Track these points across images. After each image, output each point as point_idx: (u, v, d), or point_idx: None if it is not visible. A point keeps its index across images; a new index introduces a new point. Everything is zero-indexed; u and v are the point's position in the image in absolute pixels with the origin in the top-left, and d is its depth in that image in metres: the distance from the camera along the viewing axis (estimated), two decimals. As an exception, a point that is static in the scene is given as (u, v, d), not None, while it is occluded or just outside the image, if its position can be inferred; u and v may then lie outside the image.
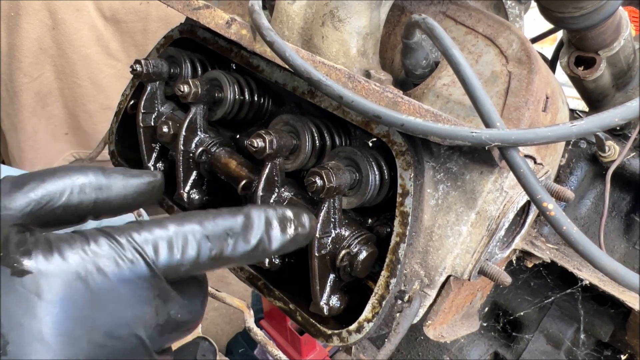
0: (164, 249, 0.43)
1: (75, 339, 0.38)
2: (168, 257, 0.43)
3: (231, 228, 0.46)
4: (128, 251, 0.41)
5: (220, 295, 1.02)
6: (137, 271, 0.41)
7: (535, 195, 0.54)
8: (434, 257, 0.63)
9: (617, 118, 0.52)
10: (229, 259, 0.46)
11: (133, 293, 0.41)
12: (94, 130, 2.23)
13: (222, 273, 2.78)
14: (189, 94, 0.77)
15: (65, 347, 0.37)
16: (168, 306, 0.44)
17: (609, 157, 0.90)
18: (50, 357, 0.37)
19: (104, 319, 0.40)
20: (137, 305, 0.41)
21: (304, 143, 0.72)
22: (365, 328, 0.63)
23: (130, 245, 0.41)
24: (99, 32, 2.07)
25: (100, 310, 0.39)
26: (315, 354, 2.17)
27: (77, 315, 0.38)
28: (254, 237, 0.47)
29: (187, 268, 0.44)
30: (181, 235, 0.44)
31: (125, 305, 0.41)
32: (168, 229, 0.43)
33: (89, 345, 0.38)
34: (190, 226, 0.45)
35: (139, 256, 0.41)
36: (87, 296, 0.39)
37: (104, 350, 0.39)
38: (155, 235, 0.43)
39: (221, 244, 0.45)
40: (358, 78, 0.63)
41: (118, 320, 0.40)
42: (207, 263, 0.45)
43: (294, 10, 0.75)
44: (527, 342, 0.99)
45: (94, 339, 0.39)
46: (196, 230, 0.45)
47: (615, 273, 0.53)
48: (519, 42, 0.70)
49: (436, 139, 0.56)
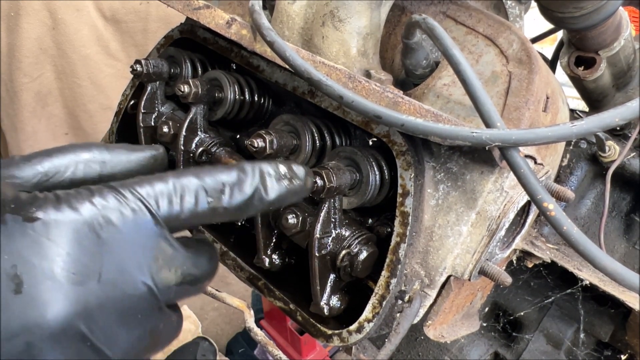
0: (164, 200, 0.45)
1: (85, 279, 0.40)
2: (168, 207, 0.45)
3: (227, 179, 0.49)
4: (132, 202, 0.44)
5: (220, 295, 1.02)
6: (140, 220, 0.44)
7: (535, 195, 0.54)
8: (434, 257, 0.63)
9: (617, 118, 0.52)
10: (227, 209, 0.48)
11: (138, 240, 0.43)
12: (94, 130, 2.23)
13: (222, 273, 2.77)
14: (189, 94, 0.77)
15: (76, 286, 0.39)
16: (172, 256, 0.46)
17: (609, 157, 0.90)
18: (62, 295, 0.39)
19: (112, 263, 0.42)
20: (142, 251, 0.44)
21: (304, 143, 0.72)
22: (365, 328, 0.63)
23: (133, 196, 0.44)
24: (99, 32, 2.07)
25: (107, 255, 0.42)
26: (315, 354, 2.17)
27: (86, 258, 0.41)
28: (250, 187, 0.49)
29: (187, 217, 0.46)
30: (179, 187, 0.46)
31: (131, 252, 0.43)
32: (168, 182, 0.46)
33: (98, 286, 0.41)
34: (188, 179, 0.47)
35: (142, 205, 0.44)
36: (94, 241, 0.41)
37: (114, 292, 0.42)
38: (156, 187, 0.45)
39: (218, 194, 0.48)
40: (358, 78, 0.63)
41: (125, 265, 0.43)
42: (207, 213, 0.48)
43: (294, 10, 0.75)
44: (527, 342, 0.99)
45: (103, 280, 0.41)
46: (193, 182, 0.47)
47: (615, 273, 0.53)
48: (519, 42, 0.70)
49: (436, 139, 0.56)
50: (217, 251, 0.53)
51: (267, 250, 0.72)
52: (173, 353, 2.23)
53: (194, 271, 0.48)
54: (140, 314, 0.43)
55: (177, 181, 0.46)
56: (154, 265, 0.44)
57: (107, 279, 0.41)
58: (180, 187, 0.46)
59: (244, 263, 0.75)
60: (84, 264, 0.40)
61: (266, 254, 0.72)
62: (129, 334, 0.43)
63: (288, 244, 0.73)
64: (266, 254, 0.72)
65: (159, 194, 0.45)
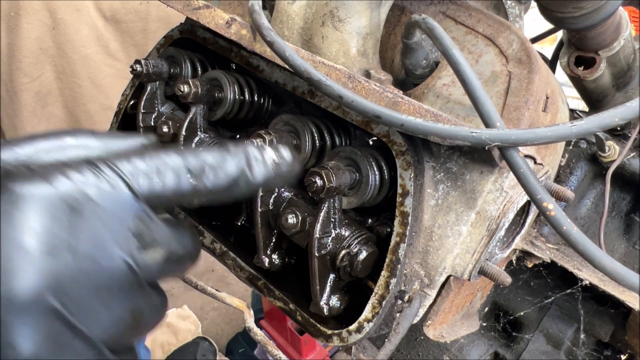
0: (144, 176, 0.44)
1: (58, 251, 0.39)
2: (148, 184, 0.44)
3: (210, 161, 0.47)
4: (110, 177, 0.42)
5: (220, 295, 1.01)
6: (119, 195, 0.42)
7: (535, 195, 0.54)
8: (434, 257, 0.63)
9: (617, 118, 0.52)
10: (210, 190, 0.47)
11: (116, 215, 0.42)
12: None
13: (222, 273, 2.78)
14: (189, 94, 0.77)
15: (47, 258, 0.38)
16: (154, 232, 0.44)
17: (609, 157, 0.90)
18: (32, 266, 0.37)
19: (88, 238, 0.40)
20: (121, 227, 0.42)
21: (304, 143, 0.72)
22: (365, 328, 0.63)
23: (112, 172, 0.43)
24: (99, 32, 2.08)
25: (83, 229, 0.40)
26: (315, 354, 2.17)
27: (60, 231, 0.39)
28: (234, 168, 0.48)
29: (168, 195, 0.45)
30: (161, 164, 0.45)
31: (109, 227, 0.41)
32: (148, 159, 0.45)
33: (73, 259, 0.39)
34: (170, 157, 0.46)
35: (120, 181, 0.43)
36: (69, 214, 0.40)
37: (90, 266, 0.40)
38: (136, 163, 0.44)
39: (201, 174, 0.47)
40: (358, 78, 0.63)
41: (102, 240, 0.41)
42: (189, 193, 0.46)
43: (294, 10, 0.75)
44: (527, 342, 0.99)
45: (77, 253, 0.39)
46: (175, 160, 0.46)
47: (615, 273, 0.53)
48: (519, 42, 0.70)
49: (436, 139, 0.56)
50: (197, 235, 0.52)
51: (267, 250, 0.72)
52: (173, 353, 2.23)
53: (178, 249, 0.46)
54: (119, 290, 0.42)
55: (158, 158, 0.45)
56: (134, 241, 0.43)
57: (83, 252, 0.40)
58: (162, 164, 0.45)
59: (244, 263, 0.75)
60: (57, 236, 0.39)
61: (266, 254, 0.72)
62: (108, 311, 0.41)
63: (288, 244, 0.73)
64: (266, 254, 0.72)
65: (139, 171, 0.44)
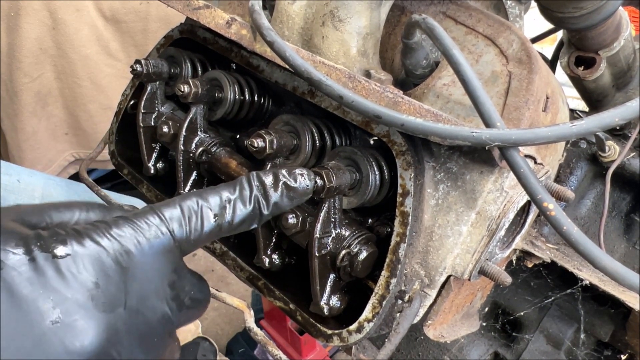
0: (176, 225, 0.48)
1: (113, 307, 0.43)
2: (179, 231, 0.48)
3: (228, 196, 0.52)
4: (146, 231, 0.47)
5: (220, 295, 1.01)
6: (156, 247, 0.47)
7: (535, 195, 0.54)
8: (434, 257, 0.63)
9: (617, 118, 0.52)
10: (231, 223, 0.52)
11: (154, 267, 0.47)
12: (94, 130, 2.23)
13: (222, 273, 2.77)
14: (189, 94, 0.77)
15: (106, 314, 0.43)
16: (183, 282, 0.49)
17: (609, 157, 0.90)
18: (94, 322, 0.42)
19: (134, 291, 0.45)
20: (159, 278, 0.47)
21: (304, 143, 0.72)
22: (365, 328, 0.63)
23: (148, 225, 0.47)
24: (99, 32, 2.07)
25: (130, 282, 0.45)
26: (315, 354, 2.17)
27: (112, 287, 0.44)
28: (251, 200, 0.53)
29: (196, 237, 0.49)
30: (187, 210, 0.49)
31: (150, 279, 0.46)
32: (175, 207, 0.49)
33: (125, 312, 0.44)
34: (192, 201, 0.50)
35: (159, 233, 0.47)
36: (117, 270, 0.44)
37: (137, 319, 0.45)
38: (166, 213, 0.48)
39: (222, 211, 0.51)
40: (358, 78, 0.63)
41: (145, 292, 0.46)
42: (214, 231, 0.51)
43: (294, 10, 0.75)
44: (527, 342, 0.99)
45: (128, 307, 0.44)
46: (198, 203, 0.50)
47: (615, 273, 0.53)
48: (519, 42, 0.70)
49: (436, 139, 0.56)
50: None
51: (267, 250, 0.72)
52: (173, 353, 2.22)
53: (199, 295, 0.51)
54: (156, 338, 0.47)
55: (184, 204, 0.49)
56: (170, 292, 0.48)
57: (131, 305, 0.44)
58: (187, 210, 0.49)
59: (244, 263, 0.75)
60: (111, 292, 0.43)
61: (266, 254, 0.72)
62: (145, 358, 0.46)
63: (288, 244, 0.73)
64: (266, 253, 0.72)
65: (169, 219, 0.48)
